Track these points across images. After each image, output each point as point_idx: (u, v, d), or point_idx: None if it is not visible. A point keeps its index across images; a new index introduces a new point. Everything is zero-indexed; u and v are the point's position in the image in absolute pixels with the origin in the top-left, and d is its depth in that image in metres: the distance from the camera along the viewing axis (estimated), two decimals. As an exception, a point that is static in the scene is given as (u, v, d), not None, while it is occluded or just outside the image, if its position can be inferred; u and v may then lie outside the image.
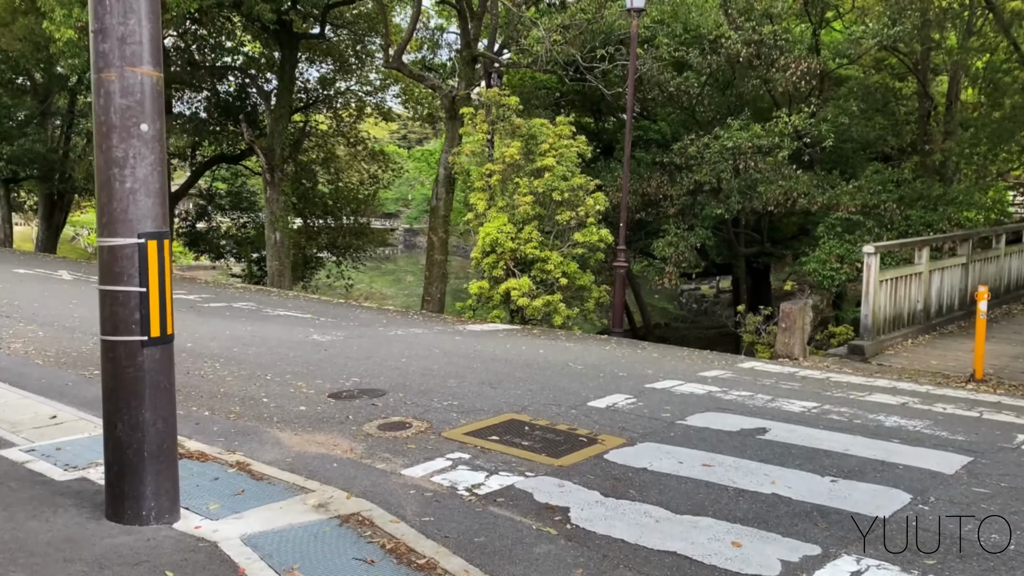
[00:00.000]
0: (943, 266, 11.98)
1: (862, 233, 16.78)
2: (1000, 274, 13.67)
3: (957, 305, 12.46)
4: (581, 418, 6.61)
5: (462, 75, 16.16)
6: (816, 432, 6.27)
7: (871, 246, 10.34)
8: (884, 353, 10.53)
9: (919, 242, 11.52)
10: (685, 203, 19.48)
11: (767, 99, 22.29)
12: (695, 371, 8.86)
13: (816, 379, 8.73)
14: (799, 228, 23.95)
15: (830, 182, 18.44)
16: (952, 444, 6.02)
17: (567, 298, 13.09)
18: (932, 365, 9.92)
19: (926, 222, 16.90)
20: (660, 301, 52.26)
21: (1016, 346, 10.76)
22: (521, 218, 12.87)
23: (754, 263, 25.54)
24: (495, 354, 9.40)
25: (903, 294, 11.07)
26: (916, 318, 11.43)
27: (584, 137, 13.96)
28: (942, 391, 8.29)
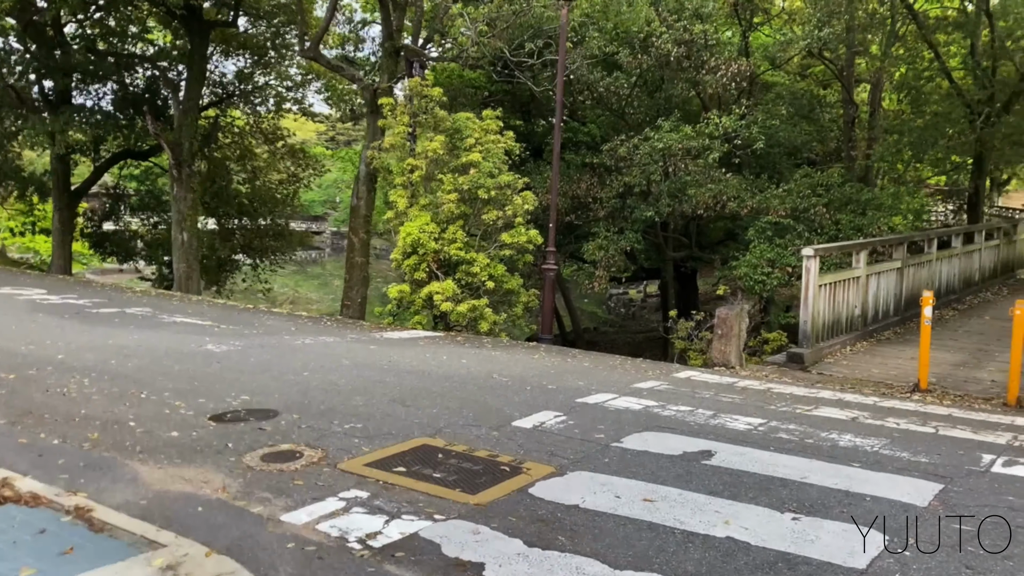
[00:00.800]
0: (880, 270, 11.52)
1: (792, 237, 16.37)
2: (932, 278, 13.34)
3: (893, 311, 12.03)
4: (504, 441, 5.70)
5: (384, 68, 15.13)
6: (767, 455, 5.50)
7: (810, 248, 9.74)
8: (824, 361, 9.94)
9: (857, 245, 11.01)
10: (615, 206, 18.84)
11: (696, 103, 21.87)
12: (629, 382, 8.06)
13: (757, 391, 8.02)
14: (726, 233, 23.64)
15: (759, 186, 18.03)
16: (917, 468, 5.32)
17: (494, 303, 12.20)
18: (874, 374, 9.36)
19: (856, 226, 16.60)
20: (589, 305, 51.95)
21: (955, 353, 10.31)
22: (445, 217, 11.92)
23: (682, 267, 25.11)
24: (412, 365, 8.41)
25: (841, 299, 10.53)
26: (854, 324, 10.90)
27: (512, 133, 13.09)
28: (890, 403, 7.67)
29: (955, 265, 14.29)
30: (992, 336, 11.52)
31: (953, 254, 14.16)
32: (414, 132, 12.70)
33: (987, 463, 5.49)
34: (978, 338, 11.37)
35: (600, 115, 22.25)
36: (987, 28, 19.71)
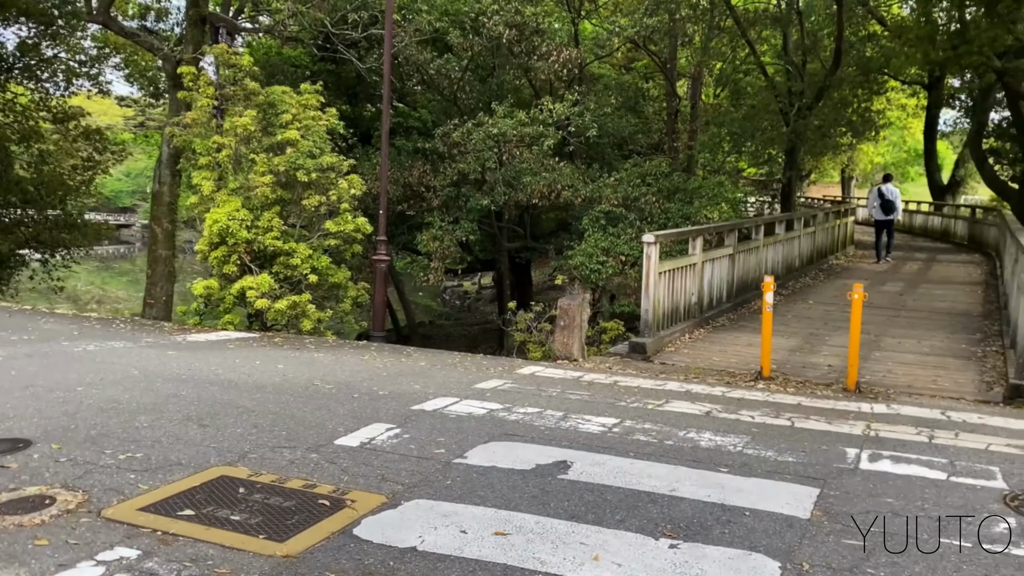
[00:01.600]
0: (714, 257, 11.39)
1: (624, 226, 16.22)
2: (760, 265, 13.49)
3: (726, 297, 11.97)
4: (325, 466, 4.69)
5: (189, 39, 13.45)
6: (629, 463, 4.84)
7: (651, 235, 9.33)
8: (665, 350, 9.59)
9: (693, 232, 10.79)
10: (449, 194, 18.02)
11: (528, 91, 21.46)
12: (471, 383, 7.24)
13: (604, 385, 7.44)
14: (559, 223, 23.47)
15: (591, 175, 17.82)
16: (787, 470, 4.84)
17: (318, 298, 11.02)
18: (715, 362, 9.08)
19: (684, 215, 16.70)
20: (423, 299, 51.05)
21: (789, 338, 10.29)
22: (259, 203, 10.59)
23: (517, 258, 24.73)
24: (217, 374, 7.16)
25: (680, 286, 10.24)
26: (691, 312, 10.68)
27: (335, 111, 11.91)
28: (738, 393, 7.32)
29: (779, 251, 14.61)
30: (819, 320, 11.70)
31: (777, 240, 14.45)
32: (221, 106, 11.24)
33: (853, 459, 5.11)
34: (807, 322, 11.50)
35: (431, 100, 21.37)
36: (798, 25, 20.58)
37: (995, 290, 14.51)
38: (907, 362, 9.11)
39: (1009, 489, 4.56)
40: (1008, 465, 5.06)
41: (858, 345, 7.93)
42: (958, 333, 10.83)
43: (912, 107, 32.80)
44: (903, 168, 48.09)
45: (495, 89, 19.88)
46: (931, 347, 9.93)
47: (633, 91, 24.55)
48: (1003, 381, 8.17)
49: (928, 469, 4.89)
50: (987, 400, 7.59)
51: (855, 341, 7.89)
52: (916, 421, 6.31)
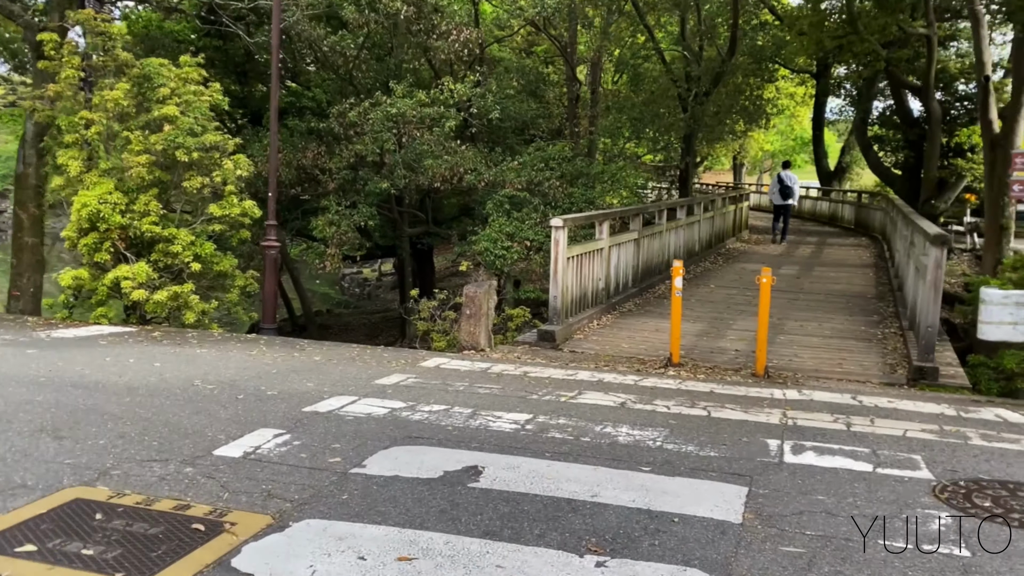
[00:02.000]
0: (621, 241, 11.15)
1: (528, 211, 15.89)
2: (664, 249, 13.39)
3: (631, 282, 11.78)
4: (202, 481, 4.08)
5: (55, 4, 12.18)
6: (546, 466, 4.43)
7: (559, 219, 8.97)
8: (574, 338, 9.27)
9: (600, 215, 10.50)
10: (346, 178, 17.21)
11: (428, 72, 20.81)
12: (370, 378, 6.69)
13: (514, 376, 7.03)
14: (461, 208, 22.95)
15: (494, 159, 17.39)
16: (711, 466, 4.54)
17: (203, 288, 10.17)
18: (624, 349, 8.82)
19: (588, 199, 16.50)
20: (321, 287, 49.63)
21: (695, 323, 10.15)
22: (135, 184, 9.65)
23: (418, 244, 24.08)
24: (82, 375, 6.35)
25: (588, 272, 9.94)
26: (599, 297, 10.40)
27: (219, 85, 11.00)
28: (650, 382, 7.05)
29: (681, 236, 14.57)
30: (722, 304, 11.65)
31: (679, 225, 14.40)
32: (90, 79, 10.18)
33: (776, 451, 4.86)
34: (711, 307, 11.42)
35: (326, 79, 20.43)
36: (695, 11, 20.68)
37: (885, 272, 14.92)
38: (812, 345, 9.10)
39: (936, 479, 4.39)
40: (928, 452, 4.92)
41: (766, 330, 7.80)
42: (856, 315, 10.97)
43: (800, 96, 33.85)
44: (790, 156, 49.81)
45: (393, 69, 19.13)
46: (832, 330, 9.98)
47: (534, 75, 24.22)
48: (905, 363, 8.22)
49: (853, 461, 4.68)
50: (892, 382, 7.60)
51: (763, 326, 7.75)
52: (831, 407, 6.17)
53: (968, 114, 22.29)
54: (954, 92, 22.70)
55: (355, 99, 16.11)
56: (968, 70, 21.81)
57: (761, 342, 7.75)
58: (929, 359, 7.62)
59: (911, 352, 8.22)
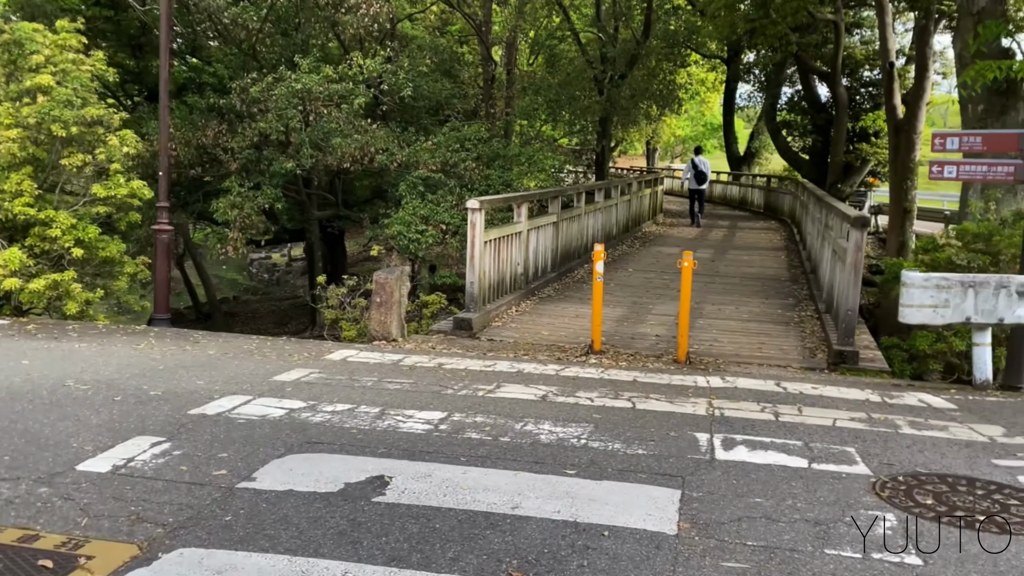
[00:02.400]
0: (539, 224, 10.77)
1: (444, 193, 15.36)
2: (582, 232, 13.10)
3: (550, 266, 11.43)
4: (57, 504, 3.47)
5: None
6: (461, 474, 3.98)
7: (475, 201, 8.50)
8: (492, 325, 8.84)
9: (519, 198, 10.08)
10: (249, 157, 16.27)
11: (338, 48, 19.94)
12: (269, 374, 6.10)
13: (427, 369, 6.56)
14: (374, 191, 22.20)
15: (407, 139, 16.76)
16: (640, 466, 4.18)
17: (87, 276, 9.28)
18: (544, 337, 8.45)
19: (504, 182, 16.08)
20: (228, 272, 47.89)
21: (614, 307, 9.87)
22: (5, 162, 8.68)
23: (329, 228, 23.20)
24: (-69, 376, 5.55)
25: (506, 256, 9.52)
26: (518, 283, 10.00)
27: (103, 55, 10.05)
28: (571, 371, 6.69)
29: (599, 219, 14.32)
30: (641, 288, 11.43)
31: (597, 208, 14.13)
32: (-52, 44, 9.09)
33: (706, 446, 4.55)
34: (630, 291, 11.18)
35: (228, 54, 19.32)
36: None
37: (797, 255, 15.05)
38: (731, 330, 8.93)
39: (874, 475, 4.15)
40: (861, 443, 4.71)
41: (688, 316, 7.55)
42: (772, 298, 10.91)
43: (711, 81, 34.26)
44: (700, 141, 50.61)
45: (300, 44, 18.20)
46: (750, 313, 9.87)
47: (448, 54, 23.61)
48: (824, 347, 8.13)
49: (787, 456, 4.41)
50: (812, 367, 7.47)
51: (685, 312, 7.50)
52: (756, 395, 5.94)
53: (872, 100, 22.87)
54: (859, 78, 23.25)
55: (257, 74, 15.18)
56: (873, 57, 22.34)
57: (683, 328, 7.50)
58: (849, 343, 7.52)
59: (830, 335, 8.13)
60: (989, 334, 6.78)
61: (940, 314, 6.71)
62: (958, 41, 10.43)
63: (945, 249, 9.33)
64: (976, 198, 10.15)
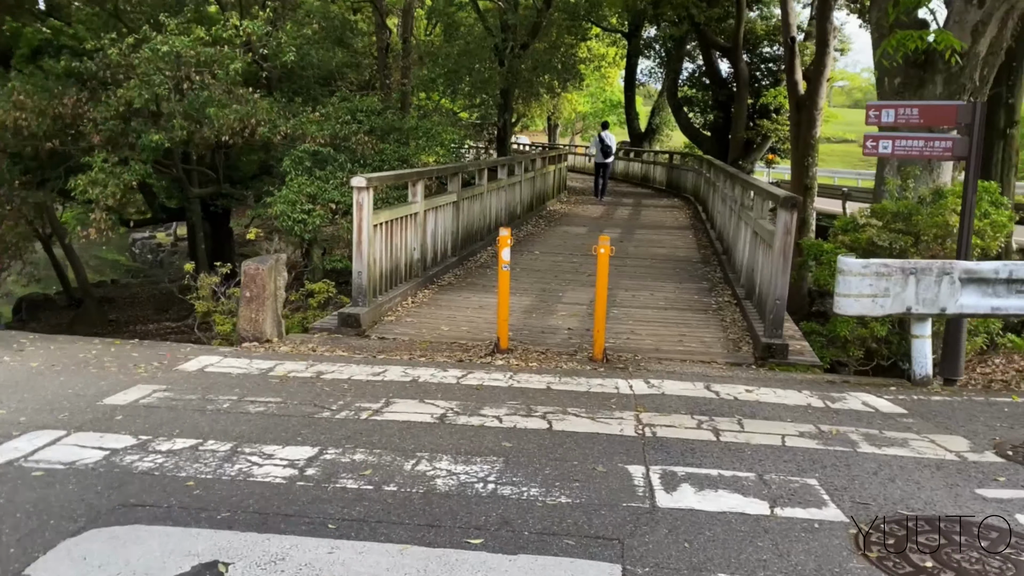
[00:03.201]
0: (438, 204, 9.67)
1: (334, 169, 14.01)
2: (484, 212, 12.07)
3: (451, 250, 10.37)
4: None
5: None
6: (327, 552, 2.91)
7: (362, 178, 7.33)
8: (384, 321, 7.73)
9: (414, 175, 8.93)
10: (114, 129, 14.41)
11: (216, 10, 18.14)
12: (100, 395, 4.83)
13: (303, 381, 5.43)
14: (261, 166, 20.45)
15: (293, 110, 15.27)
16: (565, 525, 3.21)
17: None
18: (445, 333, 7.41)
19: (401, 157, 14.85)
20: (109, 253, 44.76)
21: (521, 296, 8.91)
22: None
23: (211, 206, 21.35)
24: None
25: (400, 241, 8.39)
26: (414, 270, 8.90)
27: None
28: (476, 378, 5.69)
29: (502, 198, 13.32)
30: (549, 273, 10.52)
31: (500, 186, 13.12)
32: None
33: (644, 488, 3.64)
34: (537, 276, 10.25)
35: (91, 14, 17.27)
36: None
37: (705, 234, 14.50)
38: (648, 320, 8.12)
39: (850, 520, 3.33)
40: (822, 472, 3.90)
41: (605, 309, 6.66)
42: (686, 282, 10.20)
43: (612, 56, 33.67)
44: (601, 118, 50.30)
45: (173, 4, 16.36)
46: (666, 300, 9.10)
47: (340, 21, 22.02)
48: (748, 338, 7.41)
49: (742, 497, 3.55)
50: (739, 362, 6.73)
51: (601, 304, 6.60)
52: (688, 404, 5.09)
53: (773, 76, 22.68)
54: (760, 54, 23.01)
55: (117, 35, 13.39)
56: (774, 32, 22.10)
57: (599, 322, 6.60)
58: (777, 335, 6.81)
59: (754, 325, 7.41)
60: (930, 325, 6.17)
61: (879, 304, 6.04)
62: (875, 10, 9.88)
63: (866, 229, 8.79)
64: (892, 175, 9.67)
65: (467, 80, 20.64)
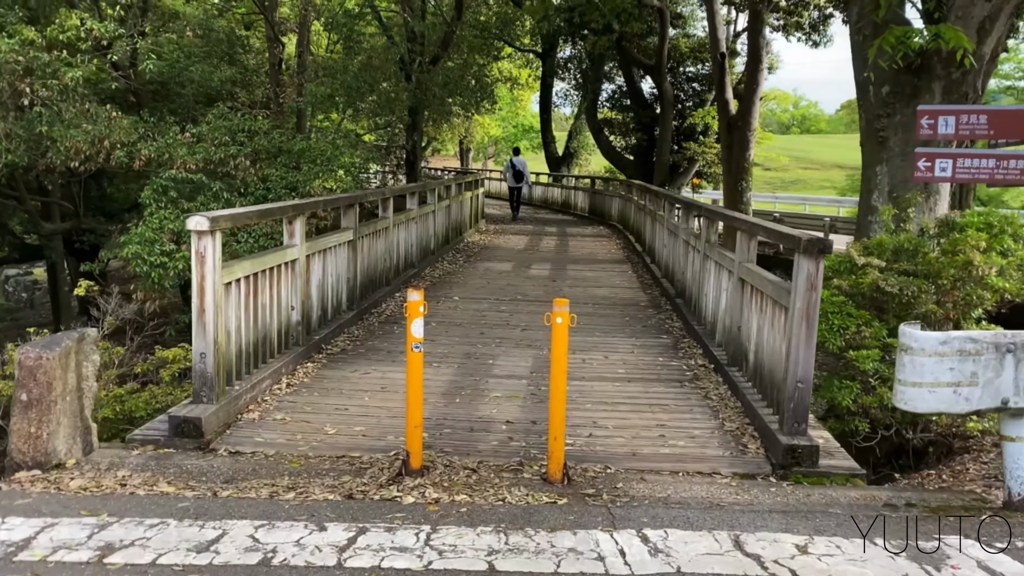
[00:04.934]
0: (327, 246, 7.32)
1: (207, 199, 11.46)
2: (391, 250, 9.76)
3: (347, 304, 8.03)
4: None
5: None
6: None
7: (202, 218, 4.93)
8: (242, 420, 5.33)
9: (289, 208, 6.53)
10: (-73, 154, 11.56)
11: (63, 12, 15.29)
12: None
13: (73, 570, 3.04)
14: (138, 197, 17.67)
15: (161, 130, 12.63)
16: None
17: None
18: (329, 438, 5.08)
19: (289, 184, 12.41)
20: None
21: (439, 366, 6.64)
22: None
23: (76, 243, 18.26)
24: None
25: (269, 300, 6.02)
26: (292, 336, 6.53)
27: None
28: (373, 539, 3.44)
29: (412, 232, 11.05)
30: (473, 328, 8.29)
31: (411, 218, 10.85)
32: None
33: None
34: (459, 334, 7.99)
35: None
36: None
37: (645, 270, 12.59)
38: (610, 399, 6.00)
39: None
40: None
41: (564, 409, 4.50)
42: (642, 336, 8.16)
43: (525, 78, 31.89)
44: (513, 143, 48.67)
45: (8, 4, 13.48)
46: (625, 366, 7.00)
47: (226, 34, 19.38)
48: (751, 428, 5.38)
49: None
50: (752, 472, 4.68)
51: (559, 402, 4.45)
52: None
53: (698, 96, 21.25)
54: (684, 73, 21.54)
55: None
56: (699, 49, 20.67)
57: (556, 426, 4.43)
58: (802, 431, 4.80)
59: (757, 411, 5.38)
60: (1031, 423, 4.25)
61: (963, 396, 4.09)
62: (854, 9, 8.15)
63: (867, 271, 6.94)
64: (882, 202, 7.91)
65: (370, 99, 18.30)
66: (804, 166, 57.14)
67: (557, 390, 4.45)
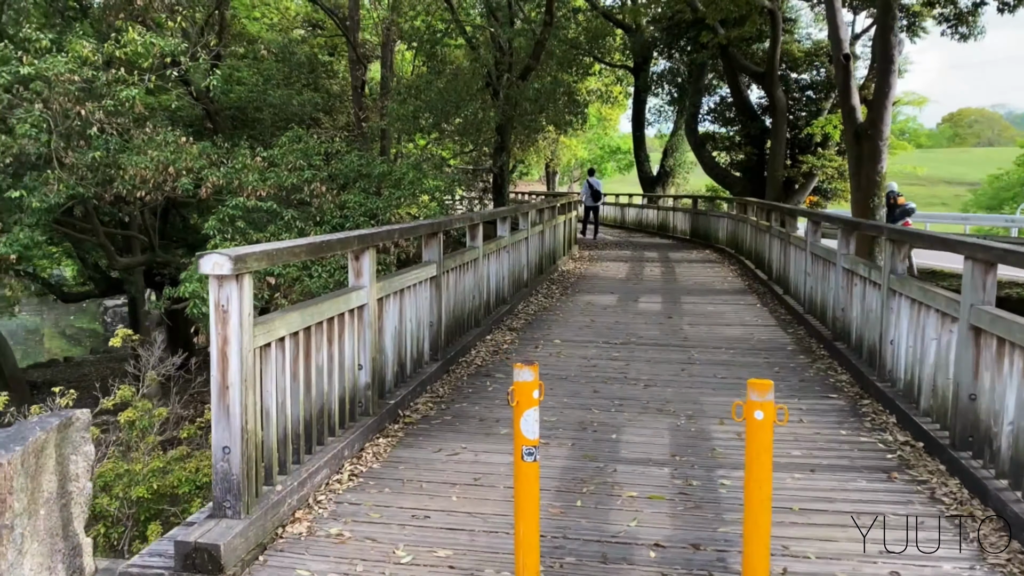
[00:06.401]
0: (404, 285, 5.79)
1: (278, 229, 10.25)
2: (480, 284, 8.20)
3: (429, 353, 6.49)
4: None
5: None
6: None
7: (221, 257, 3.45)
8: (282, 539, 3.78)
9: (356, 240, 4.99)
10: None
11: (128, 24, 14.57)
12: None
13: None
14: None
15: (234, 155, 11.55)
16: None
17: None
18: (403, 569, 3.46)
19: (368, 211, 11.10)
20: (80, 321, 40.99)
21: (548, 446, 4.99)
22: None
23: (157, 276, 17.56)
24: None
25: (327, 360, 4.49)
26: (359, 403, 4.99)
27: None
28: None
29: (504, 262, 9.48)
30: (584, 383, 6.58)
31: (502, 246, 9.27)
32: None
33: None
34: (566, 392, 6.30)
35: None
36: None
37: (776, 301, 10.64)
38: (797, 508, 4.17)
39: None
40: None
41: (767, 560, 2.75)
42: (806, 396, 6.27)
43: (617, 94, 30.18)
44: (602, 164, 47.00)
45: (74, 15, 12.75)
46: (798, 441, 5.16)
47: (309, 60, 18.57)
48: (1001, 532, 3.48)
49: None
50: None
51: (761, 556, 2.71)
52: None
53: (813, 105, 19.09)
54: (797, 81, 19.45)
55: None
56: (814, 53, 18.57)
57: None
58: None
59: (1013, 518, 3.49)
60: None
61: None
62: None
63: None
64: None
65: (456, 122, 17.02)
66: (910, 182, 53.22)
67: (757, 542, 2.72)
